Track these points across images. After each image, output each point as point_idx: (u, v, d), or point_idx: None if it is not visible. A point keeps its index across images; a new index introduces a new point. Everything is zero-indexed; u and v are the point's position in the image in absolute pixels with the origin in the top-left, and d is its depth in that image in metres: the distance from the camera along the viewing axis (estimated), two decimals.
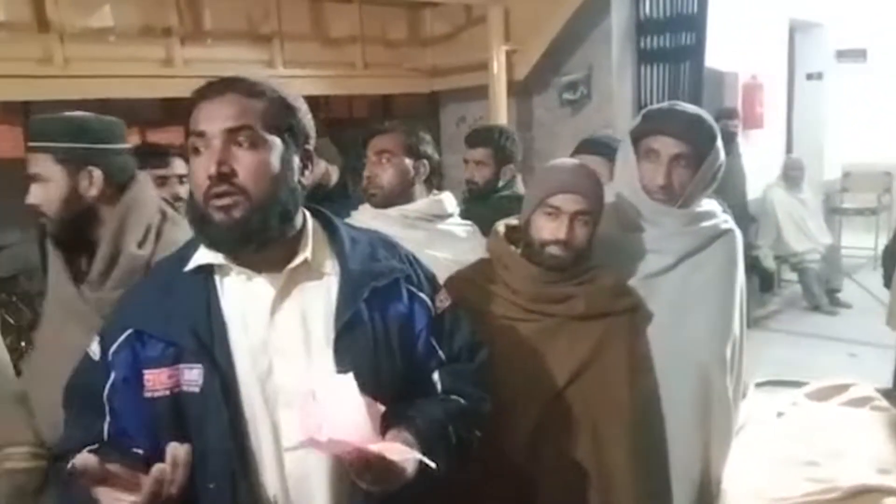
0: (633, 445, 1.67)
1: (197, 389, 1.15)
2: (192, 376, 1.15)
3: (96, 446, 1.16)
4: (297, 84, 4.24)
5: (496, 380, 1.39)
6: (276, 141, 1.18)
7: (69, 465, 1.07)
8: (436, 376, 1.31)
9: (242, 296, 1.20)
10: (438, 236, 2.18)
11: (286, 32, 4.22)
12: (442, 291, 1.37)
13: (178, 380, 1.16)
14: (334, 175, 3.24)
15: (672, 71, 4.32)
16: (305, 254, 1.22)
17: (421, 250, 1.98)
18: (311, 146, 1.27)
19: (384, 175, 2.19)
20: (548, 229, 1.66)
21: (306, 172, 1.25)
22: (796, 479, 1.92)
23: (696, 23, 4.19)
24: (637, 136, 1.85)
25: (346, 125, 6.13)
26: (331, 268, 1.25)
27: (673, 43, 4.30)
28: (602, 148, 2.41)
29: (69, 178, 1.65)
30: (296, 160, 1.22)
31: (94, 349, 1.23)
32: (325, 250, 1.26)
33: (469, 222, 2.33)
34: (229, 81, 1.18)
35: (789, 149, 7.38)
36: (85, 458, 1.01)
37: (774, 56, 6.85)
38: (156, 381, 1.15)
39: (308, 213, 1.29)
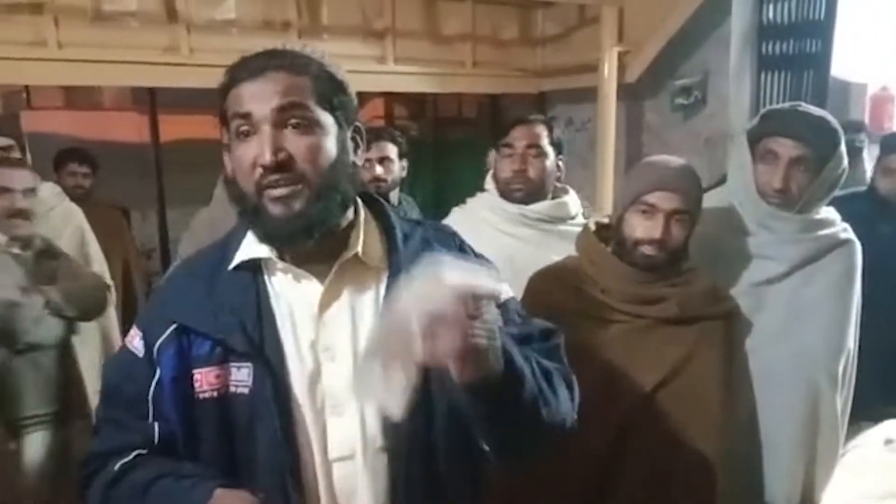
0: (721, 457, 1.59)
1: (246, 391, 1.07)
2: (241, 376, 1.07)
3: (140, 452, 1.09)
4: (407, 81, 4.33)
5: (579, 380, 1.32)
6: (330, 120, 1.07)
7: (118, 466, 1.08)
8: None
9: (289, 292, 1.12)
10: (556, 238, 2.04)
11: (399, 29, 4.29)
12: (505, 283, 1.21)
13: (226, 380, 1.08)
14: None
15: (794, 79, 4.10)
16: (356, 248, 1.11)
17: (534, 249, 1.96)
18: (360, 124, 1.15)
19: (533, 170, 2.06)
20: (642, 227, 1.60)
21: (359, 152, 1.14)
22: None
23: (822, 29, 3.99)
24: (755, 137, 1.78)
25: (455, 125, 6.17)
26: (382, 262, 1.15)
27: (796, 49, 4.09)
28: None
29: None
30: (349, 141, 1.11)
31: (137, 345, 1.13)
32: (376, 243, 1.16)
33: None
34: (269, 55, 1.07)
35: None
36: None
37: None
38: (203, 380, 1.08)
39: (361, 202, 1.18)
